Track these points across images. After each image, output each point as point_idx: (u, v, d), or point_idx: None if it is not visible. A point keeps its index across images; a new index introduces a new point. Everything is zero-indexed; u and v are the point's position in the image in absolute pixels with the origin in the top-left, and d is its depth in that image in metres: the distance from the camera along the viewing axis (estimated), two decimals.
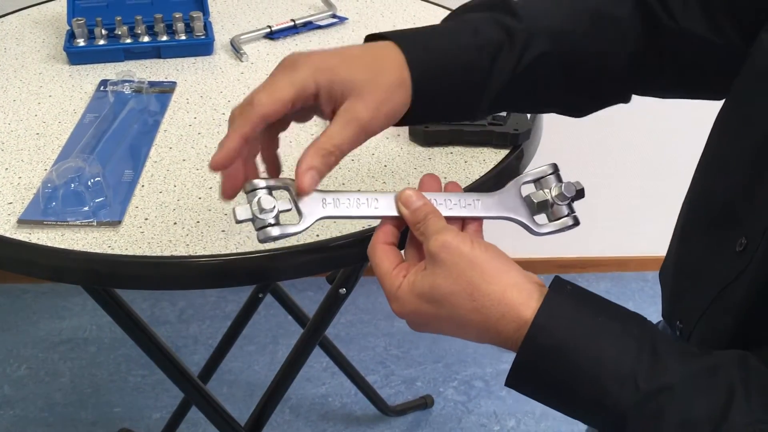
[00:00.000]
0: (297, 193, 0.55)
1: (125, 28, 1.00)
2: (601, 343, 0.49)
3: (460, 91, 0.61)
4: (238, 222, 0.56)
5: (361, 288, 1.51)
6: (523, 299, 0.51)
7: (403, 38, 0.59)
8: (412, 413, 1.73)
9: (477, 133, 0.81)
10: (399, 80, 0.57)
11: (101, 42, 0.99)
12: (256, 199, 0.56)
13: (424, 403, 1.74)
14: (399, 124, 0.60)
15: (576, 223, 0.61)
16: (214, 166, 0.54)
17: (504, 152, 0.81)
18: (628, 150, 1.91)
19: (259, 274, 0.70)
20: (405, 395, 1.77)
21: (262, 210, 0.56)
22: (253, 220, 0.56)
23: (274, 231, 0.56)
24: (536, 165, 0.63)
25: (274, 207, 0.56)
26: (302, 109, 0.56)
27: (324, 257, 0.69)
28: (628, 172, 1.96)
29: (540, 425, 1.72)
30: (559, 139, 1.60)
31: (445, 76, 0.59)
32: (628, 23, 0.65)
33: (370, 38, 0.61)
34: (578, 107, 0.69)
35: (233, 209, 0.57)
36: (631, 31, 0.65)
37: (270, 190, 0.57)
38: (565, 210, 0.61)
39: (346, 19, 1.11)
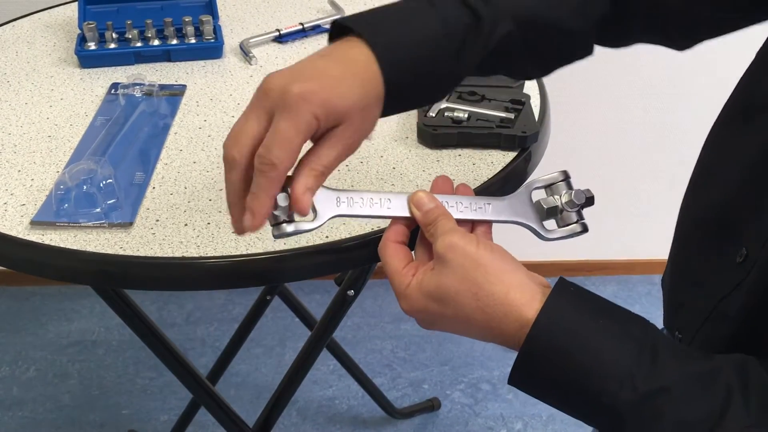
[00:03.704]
0: (296, 212, 0.54)
1: (135, 31, 1.00)
2: (601, 344, 0.50)
3: (429, 83, 0.59)
4: None
5: (368, 291, 1.51)
6: (526, 300, 0.52)
7: (373, 34, 0.56)
8: (419, 416, 1.74)
9: (485, 135, 0.81)
10: (377, 94, 0.56)
11: (112, 45, 1.00)
12: None
13: (431, 406, 1.74)
14: None
15: (584, 230, 0.62)
16: (251, 230, 0.53)
17: (512, 155, 0.81)
18: (635, 153, 1.91)
19: (269, 275, 0.71)
20: (412, 398, 1.77)
21: (277, 207, 0.56)
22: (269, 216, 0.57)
23: (289, 228, 0.56)
24: (547, 171, 0.63)
25: (289, 204, 0.57)
26: None
27: (333, 258, 0.69)
28: (635, 175, 1.95)
29: (547, 428, 1.72)
30: (567, 141, 1.60)
31: (417, 75, 0.58)
32: None
33: (336, 26, 0.58)
34: (542, 71, 0.68)
35: None
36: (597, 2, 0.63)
37: (285, 187, 0.58)
38: (574, 217, 0.62)
39: None
